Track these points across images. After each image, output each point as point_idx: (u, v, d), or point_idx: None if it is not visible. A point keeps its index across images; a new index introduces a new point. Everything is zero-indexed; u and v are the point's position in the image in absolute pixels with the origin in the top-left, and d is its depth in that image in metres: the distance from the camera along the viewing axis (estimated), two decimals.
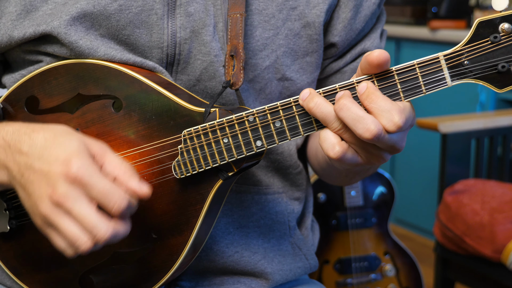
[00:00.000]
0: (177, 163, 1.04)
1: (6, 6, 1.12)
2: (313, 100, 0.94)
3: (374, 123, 0.90)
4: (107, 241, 0.94)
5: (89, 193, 0.93)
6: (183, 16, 1.11)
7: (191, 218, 1.06)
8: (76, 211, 0.92)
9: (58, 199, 0.92)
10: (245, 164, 1.04)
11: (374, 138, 0.90)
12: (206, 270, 1.21)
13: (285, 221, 1.25)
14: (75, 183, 0.92)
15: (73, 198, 0.92)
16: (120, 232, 0.95)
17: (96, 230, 0.92)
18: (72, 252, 0.96)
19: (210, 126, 1.01)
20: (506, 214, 2.24)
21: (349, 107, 0.91)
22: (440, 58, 0.92)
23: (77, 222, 0.93)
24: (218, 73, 1.12)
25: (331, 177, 1.29)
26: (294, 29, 1.17)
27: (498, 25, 0.89)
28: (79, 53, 1.09)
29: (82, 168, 0.93)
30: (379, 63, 0.91)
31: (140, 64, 1.10)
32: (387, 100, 0.92)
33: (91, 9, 1.09)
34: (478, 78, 0.91)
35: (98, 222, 0.92)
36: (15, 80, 1.16)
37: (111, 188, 0.93)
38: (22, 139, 0.98)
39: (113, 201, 0.93)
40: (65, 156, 0.94)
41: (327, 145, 0.94)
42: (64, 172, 0.93)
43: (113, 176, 0.96)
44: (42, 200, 0.94)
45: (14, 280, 1.18)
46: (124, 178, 0.96)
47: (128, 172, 0.96)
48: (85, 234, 0.93)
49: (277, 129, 0.98)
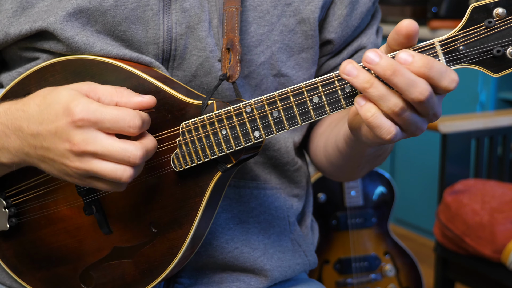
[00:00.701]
0: (176, 156, 1.04)
1: (2, 4, 1.12)
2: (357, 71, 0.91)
3: (426, 85, 0.89)
4: (144, 159, 0.96)
5: (101, 127, 0.94)
6: (178, 11, 1.12)
7: (190, 211, 1.06)
8: (101, 150, 0.94)
9: (79, 148, 0.94)
10: (244, 156, 1.04)
11: (425, 100, 0.89)
12: (206, 266, 1.21)
13: (284, 217, 1.25)
14: (85, 126, 0.94)
15: (92, 140, 0.94)
16: (149, 146, 0.98)
17: (127, 154, 0.94)
18: (120, 186, 0.99)
19: (208, 118, 1.01)
20: (506, 214, 2.24)
21: (403, 72, 0.88)
22: (436, 43, 0.92)
23: (107, 158, 0.94)
24: (214, 69, 1.12)
25: (340, 171, 1.27)
26: (289, 25, 1.17)
27: (492, 10, 0.89)
28: (76, 49, 1.09)
29: (83, 109, 0.94)
30: (407, 32, 0.89)
31: (136, 59, 1.10)
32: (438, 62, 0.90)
33: (87, 5, 1.09)
34: (473, 63, 0.91)
35: (125, 146, 0.95)
36: (12, 78, 1.16)
37: (118, 113, 0.95)
38: (17, 116, 0.99)
39: (127, 123, 0.95)
40: (62, 108, 0.95)
41: (384, 130, 0.91)
42: (70, 121, 0.94)
43: (114, 103, 0.97)
44: (66, 158, 0.95)
45: (14, 279, 1.18)
46: (124, 99, 0.98)
47: (125, 93, 0.98)
48: (121, 164, 0.95)
49: (275, 119, 0.98)
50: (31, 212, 1.13)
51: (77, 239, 1.12)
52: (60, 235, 1.13)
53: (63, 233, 1.12)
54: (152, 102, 0.99)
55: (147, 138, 0.99)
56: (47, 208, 1.12)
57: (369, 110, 0.91)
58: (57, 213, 1.12)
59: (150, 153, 0.98)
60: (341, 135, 1.14)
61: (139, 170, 0.98)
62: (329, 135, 1.23)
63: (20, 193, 1.13)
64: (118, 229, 1.10)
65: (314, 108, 0.96)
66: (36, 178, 1.11)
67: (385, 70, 0.88)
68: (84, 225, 1.11)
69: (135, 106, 0.98)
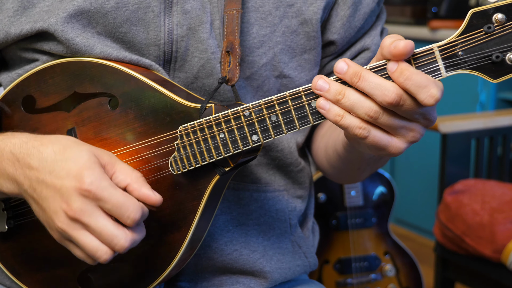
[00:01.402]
0: (174, 159, 1.04)
1: (4, 3, 1.12)
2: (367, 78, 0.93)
3: (394, 88, 0.90)
4: (127, 250, 0.96)
5: (103, 206, 0.94)
6: (179, 13, 1.11)
7: (188, 214, 1.06)
8: (93, 225, 0.94)
9: (74, 214, 0.94)
10: (242, 159, 1.04)
11: (395, 102, 0.90)
12: (205, 269, 1.21)
13: (286, 219, 1.25)
14: (89, 198, 0.94)
15: (89, 212, 0.94)
16: (137, 239, 0.97)
17: (115, 241, 0.94)
18: (93, 262, 0.98)
19: (206, 122, 1.01)
20: (506, 214, 2.24)
21: (368, 77, 0.91)
22: (435, 49, 0.92)
23: (95, 234, 0.95)
24: (215, 70, 1.12)
25: (341, 173, 1.27)
26: (291, 26, 1.17)
27: (492, 15, 0.89)
28: (76, 50, 1.09)
29: (95, 182, 0.94)
30: (405, 52, 0.90)
31: (136, 62, 1.10)
32: (422, 74, 0.91)
33: (88, 7, 1.09)
34: (472, 69, 0.91)
35: (117, 233, 0.94)
36: (12, 79, 1.16)
37: (124, 200, 0.95)
38: (31, 153, 0.99)
39: (127, 213, 0.94)
40: (76, 170, 0.94)
41: (354, 129, 0.93)
42: (77, 187, 0.94)
43: (125, 184, 0.97)
44: (58, 215, 0.95)
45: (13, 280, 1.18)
46: (136, 186, 0.97)
47: (139, 179, 0.98)
48: (104, 245, 0.95)
49: (273, 123, 0.98)
50: (30, 214, 1.12)
51: None
52: None
53: None
54: (159, 202, 0.99)
55: (139, 230, 0.98)
56: None
57: (338, 114, 0.93)
58: None
59: (135, 244, 0.98)
60: (339, 140, 1.15)
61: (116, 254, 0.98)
62: (329, 138, 1.22)
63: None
64: None
65: (313, 113, 0.96)
66: None
67: (352, 77, 0.92)
68: None
69: (142, 197, 0.97)
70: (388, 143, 0.95)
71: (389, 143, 0.95)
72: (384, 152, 0.96)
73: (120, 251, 0.95)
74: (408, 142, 0.96)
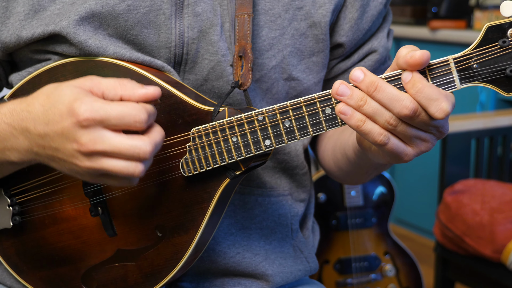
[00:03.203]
0: (185, 161, 1.04)
1: (14, 6, 1.11)
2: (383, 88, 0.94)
3: (409, 100, 0.91)
4: (153, 153, 0.95)
5: (108, 125, 0.93)
6: (190, 16, 1.12)
7: (197, 217, 1.06)
8: (109, 148, 0.93)
9: (87, 148, 0.93)
10: (253, 164, 1.04)
11: (411, 114, 0.91)
12: (208, 271, 1.21)
13: (287, 224, 1.25)
14: (91, 125, 0.93)
15: (99, 139, 0.93)
16: (158, 139, 0.96)
17: (137, 151, 0.93)
18: (132, 182, 0.98)
19: (219, 125, 1.01)
20: (506, 214, 2.24)
21: (384, 88, 0.92)
22: (450, 61, 0.93)
23: (117, 156, 0.94)
24: (225, 73, 1.12)
25: (348, 176, 1.28)
26: (300, 29, 1.17)
27: (507, 30, 0.91)
28: (89, 52, 1.09)
29: (88, 108, 0.92)
30: (422, 62, 0.91)
31: (148, 63, 1.10)
32: (434, 87, 0.92)
33: (99, 9, 1.09)
34: (486, 82, 0.92)
35: (134, 143, 0.93)
36: (22, 78, 1.16)
37: (123, 109, 0.93)
38: (23, 117, 0.98)
39: (133, 119, 0.93)
40: (66, 108, 0.93)
41: (374, 135, 0.94)
42: (75, 121, 0.93)
43: (118, 98, 0.96)
44: (75, 158, 0.95)
45: (15, 278, 1.18)
46: (129, 93, 0.96)
47: (128, 85, 0.97)
48: (131, 161, 0.94)
49: (286, 128, 0.99)
50: (35, 211, 1.13)
51: (80, 240, 1.12)
52: (64, 235, 1.12)
53: (66, 233, 1.12)
54: (157, 93, 0.97)
55: (155, 130, 0.97)
56: (52, 207, 1.12)
57: (360, 120, 0.94)
58: (61, 213, 1.12)
59: (159, 146, 0.97)
60: (350, 144, 1.15)
61: (149, 164, 0.97)
62: (337, 140, 1.23)
63: (25, 191, 1.13)
64: (122, 232, 1.10)
65: (326, 120, 0.97)
66: (42, 177, 1.11)
67: (368, 86, 0.92)
68: (89, 226, 1.11)
69: (140, 98, 0.96)
70: (403, 151, 0.96)
71: (404, 151, 0.96)
72: (397, 159, 0.98)
73: (147, 157, 0.94)
74: (420, 151, 0.98)
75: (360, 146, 1.05)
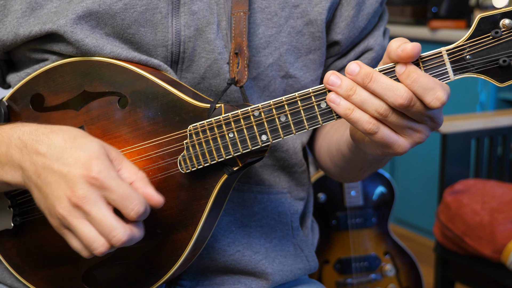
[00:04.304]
0: (183, 157, 1.05)
1: (12, 5, 1.12)
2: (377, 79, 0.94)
3: (404, 90, 0.92)
4: (123, 245, 0.95)
5: (108, 196, 0.94)
6: (187, 14, 1.12)
7: (195, 213, 1.07)
8: (94, 214, 0.93)
9: (77, 201, 0.93)
10: (250, 159, 1.05)
11: (406, 104, 0.92)
12: (207, 269, 1.21)
13: (287, 222, 1.25)
14: (95, 186, 0.93)
15: (93, 201, 0.93)
16: (136, 236, 0.96)
17: (113, 233, 0.93)
18: (88, 254, 0.97)
19: (216, 121, 1.02)
20: (506, 214, 2.25)
21: (379, 78, 0.93)
22: (443, 52, 0.93)
23: (94, 224, 0.94)
24: (222, 71, 1.13)
25: (343, 172, 1.28)
26: (297, 27, 1.18)
27: (499, 21, 0.91)
28: (85, 51, 1.09)
29: (103, 171, 0.93)
30: (413, 55, 0.92)
31: (145, 62, 1.10)
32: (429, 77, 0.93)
33: (96, 8, 1.09)
34: (479, 73, 0.93)
35: (116, 225, 0.93)
36: (20, 79, 1.16)
37: (130, 192, 0.94)
38: (40, 139, 0.98)
39: (131, 206, 0.94)
40: (85, 158, 0.94)
41: (363, 123, 0.95)
42: (85, 174, 0.93)
43: (130, 181, 0.97)
44: (60, 201, 0.95)
45: (16, 278, 1.18)
46: (140, 184, 0.97)
47: (144, 179, 0.98)
48: (102, 237, 0.94)
49: (282, 123, 0.99)
50: (36, 211, 1.13)
51: None
52: None
53: None
54: (161, 203, 0.98)
55: (139, 227, 0.97)
56: None
57: (348, 108, 0.94)
58: None
59: (132, 243, 0.97)
60: (343, 140, 1.15)
61: (110, 251, 0.97)
62: (332, 136, 1.23)
63: (26, 192, 1.13)
64: None
65: (322, 114, 0.97)
66: None
67: (364, 78, 0.93)
68: None
69: (146, 195, 0.97)
70: (395, 141, 0.96)
71: (396, 142, 0.96)
72: (389, 150, 0.97)
73: (117, 245, 0.94)
74: (414, 142, 0.97)
75: (353, 139, 1.05)
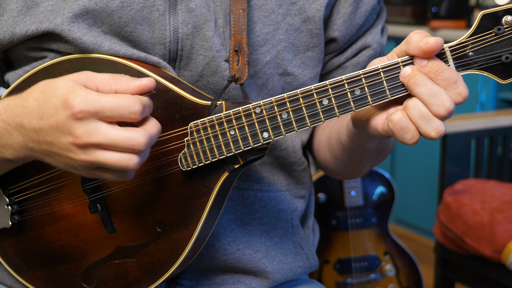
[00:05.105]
0: (184, 155, 1.04)
1: (8, 3, 1.12)
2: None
3: (449, 99, 0.92)
4: (148, 145, 0.94)
5: (102, 117, 0.93)
6: (184, 12, 1.12)
7: (196, 211, 1.06)
8: (104, 140, 0.93)
9: (82, 140, 0.93)
10: (251, 157, 1.04)
11: (463, 100, 0.93)
12: (207, 268, 1.21)
13: (288, 219, 1.25)
14: (85, 118, 0.92)
15: (94, 131, 0.93)
16: (153, 131, 0.96)
17: (131, 142, 0.93)
18: (127, 175, 0.97)
19: (217, 118, 1.02)
20: (506, 214, 2.24)
21: (425, 83, 0.93)
22: (446, 49, 0.93)
23: (111, 148, 0.93)
24: (220, 68, 1.13)
25: (343, 166, 1.27)
26: (294, 24, 1.17)
27: (502, 17, 0.91)
28: (84, 49, 1.09)
29: (82, 100, 0.92)
30: (437, 49, 0.92)
31: (144, 59, 1.10)
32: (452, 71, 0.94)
33: (93, 6, 1.09)
34: (482, 69, 0.93)
35: (128, 135, 0.93)
36: (18, 76, 1.16)
37: (117, 100, 0.93)
38: (17, 112, 0.98)
39: (127, 110, 0.93)
40: (61, 101, 0.93)
41: (409, 134, 0.98)
42: (70, 114, 0.92)
43: (113, 91, 0.96)
44: (70, 152, 0.94)
45: (15, 278, 1.18)
46: (124, 86, 0.96)
47: (123, 78, 0.97)
48: (125, 152, 0.94)
49: (284, 120, 0.99)
50: (34, 209, 1.13)
51: (80, 238, 1.12)
52: (63, 233, 1.12)
53: (66, 231, 1.12)
54: (152, 84, 0.97)
55: (150, 123, 0.97)
56: (50, 206, 1.12)
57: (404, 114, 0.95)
58: (60, 211, 1.12)
59: (155, 138, 0.97)
60: (343, 128, 1.15)
61: (145, 157, 0.97)
62: (332, 128, 1.23)
63: (24, 190, 1.13)
64: (122, 228, 1.10)
65: (324, 110, 0.97)
66: (40, 175, 1.11)
67: (430, 71, 0.93)
68: (88, 224, 1.11)
69: (135, 91, 0.96)
70: (410, 131, 0.99)
71: (409, 131, 0.99)
72: (398, 137, 0.99)
73: (142, 149, 0.93)
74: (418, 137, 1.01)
75: (355, 121, 1.05)
